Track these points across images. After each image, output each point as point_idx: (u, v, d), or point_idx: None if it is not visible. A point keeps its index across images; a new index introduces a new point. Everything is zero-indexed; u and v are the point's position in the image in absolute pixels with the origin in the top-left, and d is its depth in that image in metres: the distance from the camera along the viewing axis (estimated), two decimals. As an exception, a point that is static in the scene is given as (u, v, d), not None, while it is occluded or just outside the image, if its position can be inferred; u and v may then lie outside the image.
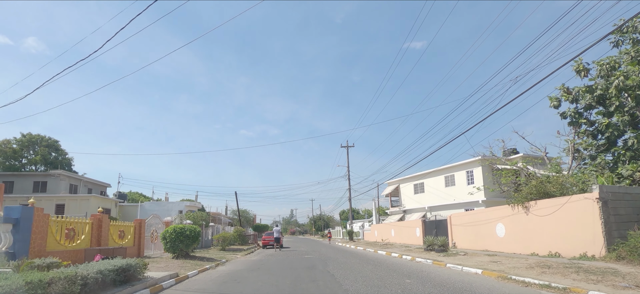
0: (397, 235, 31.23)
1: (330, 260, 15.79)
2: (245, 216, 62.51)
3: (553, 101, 22.05)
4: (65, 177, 35.06)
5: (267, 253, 22.56)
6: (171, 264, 12.63)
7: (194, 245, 15.32)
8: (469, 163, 29.75)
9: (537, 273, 8.83)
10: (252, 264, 14.69)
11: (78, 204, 26.83)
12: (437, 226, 23.87)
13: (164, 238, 14.61)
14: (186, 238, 14.56)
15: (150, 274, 9.31)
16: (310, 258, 17.60)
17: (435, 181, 33.70)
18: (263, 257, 19.12)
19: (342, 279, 9.62)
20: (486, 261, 12.52)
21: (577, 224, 12.09)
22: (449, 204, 31.13)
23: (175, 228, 14.57)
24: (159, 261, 13.54)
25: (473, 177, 29.52)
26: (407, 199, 38.01)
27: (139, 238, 16.73)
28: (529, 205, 14.34)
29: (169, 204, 36.49)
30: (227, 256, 18.83)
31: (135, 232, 16.48)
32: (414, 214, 36.35)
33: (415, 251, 19.78)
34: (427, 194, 34.69)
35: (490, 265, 11.35)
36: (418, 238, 26.47)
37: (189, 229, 14.79)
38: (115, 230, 14.76)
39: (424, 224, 26.07)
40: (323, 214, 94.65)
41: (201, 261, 14.52)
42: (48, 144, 47.03)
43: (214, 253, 21.23)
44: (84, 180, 38.74)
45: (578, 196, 12.19)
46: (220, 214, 49.95)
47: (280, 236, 26.60)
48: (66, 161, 49.55)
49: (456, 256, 14.99)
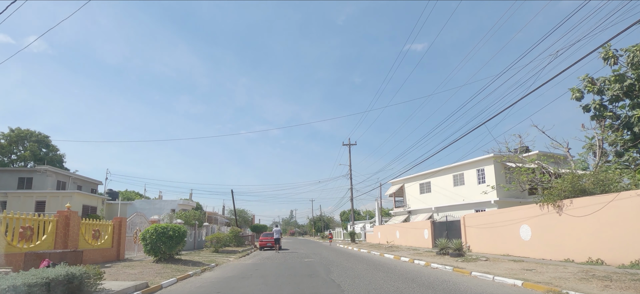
0: (403, 237, 29.37)
1: (333, 265, 13.95)
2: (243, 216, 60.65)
3: (575, 93, 20.23)
4: (52, 173, 33.21)
5: (264, 256, 20.73)
6: (148, 270, 10.79)
7: (178, 247, 13.48)
8: (480, 161, 27.90)
9: (598, 287, 6.99)
10: (244, 270, 12.85)
11: (60, 201, 24.98)
12: (449, 228, 22.02)
13: (144, 239, 12.77)
14: (169, 239, 12.71)
15: (110, 285, 7.45)
16: (310, 262, 15.78)
17: (442, 180, 31.83)
18: (259, 260, 17.29)
19: (352, 292, 7.78)
20: (517, 269, 10.68)
21: (627, 226, 10.25)
22: (458, 204, 29.26)
23: (157, 228, 12.73)
24: (135, 266, 11.69)
25: (484, 175, 27.66)
26: (412, 200, 36.15)
27: (119, 238, 14.90)
28: (563, 204, 12.49)
29: (162, 203, 34.63)
30: (219, 259, 16.99)
31: (114, 232, 14.65)
32: (420, 215, 34.49)
33: (425, 254, 17.94)
34: (434, 194, 32.83)
35: (527, 274, 9.51)
36: (426, 240, 24.62)
37: (172, 228, 12.95)
38: (88, 229, 12.93)
39: (433, 226, 24.22)
40: (323, 215, 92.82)
41: (185, 265, 12.67)
42: (38, 139, 45.19)
43: (205, 255, 19.40)
44: (73, 177, 36.89)
45: (629, 192, 10.35)
46: (216, 213, 48.09)
47: (280, 236, 25.21)
48: (57, 158, 47.72)
49: (477, 262, 13.15)
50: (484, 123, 14.68)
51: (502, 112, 14.26)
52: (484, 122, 14.74)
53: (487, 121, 14.70)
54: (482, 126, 13.98)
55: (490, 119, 14.57)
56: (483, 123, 14.69)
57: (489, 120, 14.73)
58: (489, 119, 14.85)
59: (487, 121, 14.66)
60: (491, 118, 14.15)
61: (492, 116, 14.35)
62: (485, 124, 13.35)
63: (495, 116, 14.47)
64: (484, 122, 14.75)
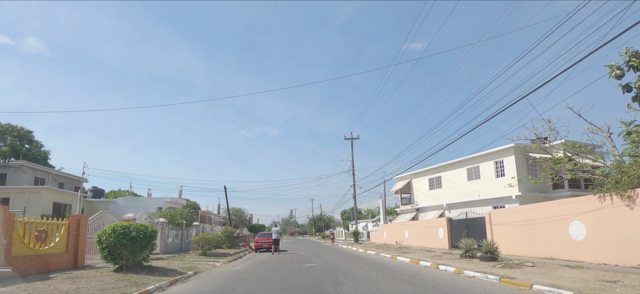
0: (413, 237, 26.63)
1: (341, 273, 11.20)
2: (240, 215, 57.85)
3: (614, 70, 17.34)
4: (29, 169, 30.36)
5: (259, 259, 17.98)
6: (94, 284, 8.04)
7: (145, 251, 10.69)
8: (498, 152, 25.18)
9: None
10: (228, 280, 10.11)
11: (26, 197, 22.18)
12: (469, 226, 19.29)
13: (99, 242, 9.99)
14: (132, 241, 9.94)
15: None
16: (312, 268, 13.05)
17: (455, 174, 29.11)
18: (250, 266, 14.54)
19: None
20: (591, 280, 7.96)
21: None
22: (473, 200, 26.57)
23: (116, 227, 9.95)
24: (82, 278, 8.92)
25: (503, 168, 24.95)
26: (420, 196, 33.41)
27: (77, 241, 12.11)
28: (636, 194, 9.77)
29: (148, 200, 31.77)
30: (202, 264, 14.22)
31: (70, 233, 11.85)
32: (429, 212, 31.75)
33: (446, 257, 15.22)
34: (445, 190, 30.10)
35: (616, 290, 6.78)
36: (441, 240, 21.89)
37: (136, 228, 10.17)
38: (30, 229, 10.16)
39: (450, 224, 21.48)
40: (323, 214, 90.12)
41: (151, 275, 9.89)
42: (19, 134, 42.26)
43: (189, 259, 16.65)
44: (53, 173, 34.05)
45: None
46: (210, 212, 45.28)
47: (279, 237, 22.69)
48: (41, 154, 44.85)
49: (522, 268, 10.43)
50: (526, 95, 11.91)
51: (547, 83, 11.55)
52: (526, 95, 11.93)
53: (530, 93, 11.93)
54: (524, 98, 11.26)
55: (533, 91, 11.86)
56: (524, 96, 11.93)
57: (527, 95, 11.96)
58: (526, 95, 12.09)
59: (529, 94, 11.90)
60: (536, 89, 11.46)
61: (536, 88, 11.61)
62: (526, 97, 10.65)
63: (541, 86, 11.75)
64: (525, 96, 11.95)
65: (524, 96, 12.00)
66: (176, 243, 22.11)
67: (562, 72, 11.27)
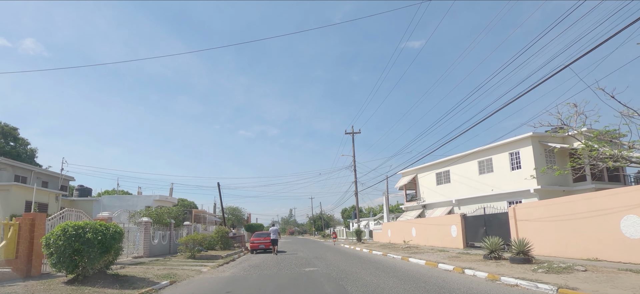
0: (421, 235, 24.66)
1: (349, 281, 9.19)
2: (236, 214, 55.75)
3: (649, 47, 15.52)
4: (8, 166, 28.22)
5: (253, 262, 15.98)
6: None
7: (107, 256, 8.63)
8: (514, 142, 23.18)
9: None
10: (210, 292, 8.09)
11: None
12: (487, 223, 17.31)
13: (47, 246, 7.96)
14: (87, 244, 7.90)
15: None
16: (314, 273, 11.05)
17: (464, 167, 27.11)
18: (241, 272, 12.52)
19: None
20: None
21: None
22: (486, 195, 24.56)
23: (67, 227, 7.91)
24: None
25: (519, 160, 22.95)
26: (427, 192, 31.42)
27: (31, 245, 10.07)
28: None
29: (135, 199, 29.67)
30: (185, 271, 12.20)
31: (21, 236, 9.82)
32: (436, 209, 29.80)
33: (466, 259, 13.24)
34: (454, 185, 28.11)
35: None
36: (455, 239, 19.92)
37: (93, 229, 8.13)
38: (-39, 232, 8.12)
39: (465, 221, 19.51)
40: (323, 213, 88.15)
41: (110, 288, 7.86)
42: (3, 131, 40.13)
43: (173, 263, 14.65)
44: (36, 171, 31.89)
45: None
46: (205, 211, 43.22)
47: (277, 237, 21.19)
48: (28, 152, 42.74)
49: (573, 274, 8.45)
50: (569, 64, 9.86)
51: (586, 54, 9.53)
52: (568, 65, 9.87)
53: (572, 63, 9.88)
54: (566, 68, 9.23)
55: (574, 61, 9.88)
56: (567, 65, 9.88)
57: (571, 64, 9.91)
58: (569, 64, 10.05)
59: (571, 63, 9.84)
60: (580, 57, 9.47)
61: (578, 58, 9.59)
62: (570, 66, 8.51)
63: (580, 58, 9.73)
64: (567, 65, 9.89)
65: (567, 65, 9.94)
66: (163, 244, 20.10)
67: (606, 40, 9.17)
